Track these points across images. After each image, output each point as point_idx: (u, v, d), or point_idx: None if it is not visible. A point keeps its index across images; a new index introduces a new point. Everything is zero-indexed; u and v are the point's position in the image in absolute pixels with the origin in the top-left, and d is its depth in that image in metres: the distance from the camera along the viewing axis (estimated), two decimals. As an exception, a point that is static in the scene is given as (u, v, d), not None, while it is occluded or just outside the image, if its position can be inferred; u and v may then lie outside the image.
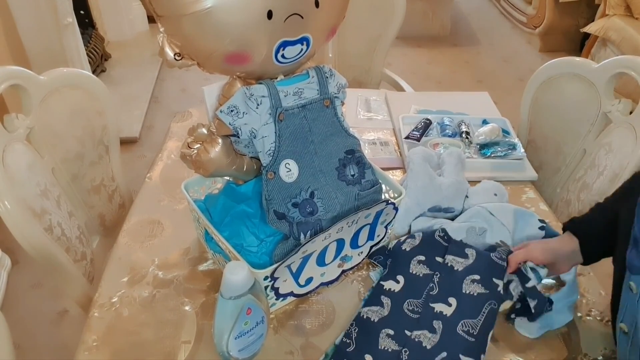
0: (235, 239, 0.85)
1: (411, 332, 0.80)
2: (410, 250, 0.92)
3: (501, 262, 0.87)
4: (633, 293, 0.72)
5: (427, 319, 0.81)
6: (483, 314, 0.80)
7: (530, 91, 1.34)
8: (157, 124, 2.71)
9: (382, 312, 0.84)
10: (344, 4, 0.81)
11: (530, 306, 0.81)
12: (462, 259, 0.88)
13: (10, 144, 0.94)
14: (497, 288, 0.83)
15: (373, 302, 0.85)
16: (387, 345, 0.79)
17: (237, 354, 0.74)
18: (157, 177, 1.17)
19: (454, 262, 0.88)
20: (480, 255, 0.88)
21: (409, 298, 0.85)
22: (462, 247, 0.90)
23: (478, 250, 0.89)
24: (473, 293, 0.83)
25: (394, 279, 0.89)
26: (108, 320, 0.83)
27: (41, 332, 1.64)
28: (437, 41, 3.66)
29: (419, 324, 0.81)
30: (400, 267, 0.90)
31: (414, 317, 0.82)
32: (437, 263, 0.90)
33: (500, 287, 0.84)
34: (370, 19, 1.84)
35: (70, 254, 1.01)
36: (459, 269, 0.87)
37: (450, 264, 0.88)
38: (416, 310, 0.83)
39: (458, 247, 0.91)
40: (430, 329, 0.80)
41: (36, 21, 2.12)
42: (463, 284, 0.85)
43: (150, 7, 0.73)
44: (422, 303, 0.84)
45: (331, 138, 0.86)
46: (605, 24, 2.74)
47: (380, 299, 0.86)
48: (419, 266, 0.90)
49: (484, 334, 0.78)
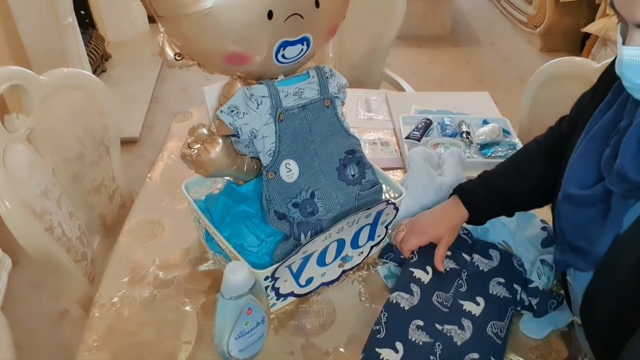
0: (235, 239, 0.85)
1: (442, 325, 0.79)
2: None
3: (520, 268, 0.89)
4: (570, 286, 0.77)
5: (456, 314, 0.81)
6: (508, 317, 0.82)
7: (531, 91, 1.34)
8: (157, 124, 2.71)
9: (412, 300, 0.82)
10: (344, 4, 0.81)
11: (532, 304, 0.82)
12: (487, 260, 0.90)
13: (10, 144, 0.94)
14: (516, 293, 0.85)
15: (402, 288, 0.84)
16: (418, 338, 0.77)
17: (238, 354, 0.74)
18: (158, 177, 1.17)
19: (480, 262, 0.90)
20: (503, 258, 0.91)
21: (438, 290, 0.85)
22: (486, 248, 0.92)
23: (502, 253, 0.92)
24: (499, 295, 0.85)
25: (424, 268, 0.88)
26: (109, 321, 0.83)
27: (42, 332, 1.64)
28: (438, 41, 3.66)
29: (449, 318, 0.81)
30: (429, 259, 0.89)
31: (444, 310, 0.82)
32: (463, 259, 0.90)
33: (519, 293, 0.85)
34: (371, 19, 1.83)
35: (71, 254, 1.01)
36: (484, 270, 0.88)
37: (477, 264, 0.89)
38: (445, 304, 0.83)
39: (482, 246, 0.92)
40: (459, 326, 0.80)
41: (36, 21, 2.12)
42: (490, 285, 0.86)
43: (151, 7, 0.73)
44: (451, 298, 0.84)
45: (331, 138, 0.86)
46: (606, 24, 2.74)
47: (409, 287, 0.84)
48: (445, 260, 0.89)
49: (507, 338, 0.79)
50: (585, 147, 0.71)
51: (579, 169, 0.71)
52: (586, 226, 0.69)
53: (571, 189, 0.71)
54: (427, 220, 0.92)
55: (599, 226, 0.67)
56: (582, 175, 0.70)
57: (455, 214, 0.90)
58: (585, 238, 0.69)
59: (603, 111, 0.71)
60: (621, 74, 0.61)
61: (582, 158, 0.71)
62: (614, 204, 0.66)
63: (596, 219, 0.68)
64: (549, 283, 0.87)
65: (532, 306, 0.83)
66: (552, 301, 0.82)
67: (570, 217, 0.72)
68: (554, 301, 0.83)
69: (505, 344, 0.79)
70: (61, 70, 1.10)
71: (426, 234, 0.89)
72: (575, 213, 0.71)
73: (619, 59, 0.60)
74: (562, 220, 0.73)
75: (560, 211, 0.73)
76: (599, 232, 0.67)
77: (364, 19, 1.82)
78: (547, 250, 0.93)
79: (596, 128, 0.70)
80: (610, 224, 0.66)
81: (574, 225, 0.71)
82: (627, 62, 0.59)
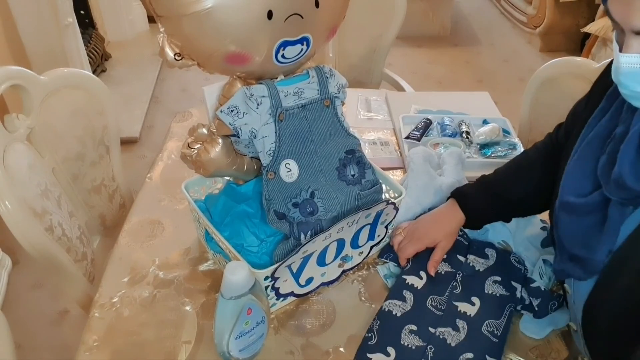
0: (235, 239, 0.85)
1: (435, 328, 0.80)
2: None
3: (519, 265, 0.89)
4: (569, 294, 0.76)
5: (450, 316, 0.81)
6: (505, 315, 0.81)
7: (531, 91, 1.34)
8: (157, 124, 2.71)
9: (404, 307, 0.83)
10: (344, 4, 0.81)
11: (534, 304, 0.81)
12: (483, 260, 0.90)
13: (10, 144, 0.94)
14: (515, 291, 0.85)
15: (395, 296, 0.85)
16: (411, 342, 0.78)
17: (238, 354, 0.74)
18: (158, 177, 1.17)
19: (475, 262, 0.90)
20: (500, 256, 0.90)
21: (432, 294, 0.85)
22: (482, 247, 0.92)
23: (498, 251, 0.91)
24: (495, 294, 0.84)
25: (417, 274, 0.88)
26: (108, 321, 0.83)
27: (42, 332, 1.64)
28: (438, 41, 3.66)
29: (443, 320, 0.81)
30: (423, 264, 0.89)
31: (438, 313, 0.82)
32: (458, 261, 0.90)
33: (518, 291, 0.85)
34: (371, 19, 1.83)
35: (71, 254, 1.01)
36: (480, 270, 0.88)
37: (472, 264, 0.89)
38: (439, 307, 0.83)
39: (478, 246, 0.92)
40: (453, 327, 0.80)
41: (36, 21, 2.12)
42: (485, 284, 0.86)
43: (150, 7, 0.73)
44: (446, 300, 0.84)
45: (331, 138, 0.86)
46: (606, 24, 2.73)
47: (402, 294, 0.85)
48: (441, 263, 0.90)
49: (505, 336, 0.79)
50: (580, 155, 0.70)
51: (575, 177, 0.71)
52: (584, 234, 0.68)
53: (568, 196, 0.70)
54: (424, 227, 0.92)
55: (596, 234, 0.67)
56: (578, 183, 0.70)
57: (453, 218, 0.90)
58: (584, 246, 0.68)
59: (597, 118, 0.71)
60: (618, 81, 0.60)
61: (578, 166, 0.71)
62: (611, 212, 0.65)
63: (594, 227, 0.67)
64: (550, 283, 0.87)
65: (533, 306, 0.82)
66: (554, 302, 0.82)
67: (568, 226, 0.71)
68: (555, 302, 0.83)
69: (503, 342, 0.78)
70: (61, 70, 1.10)
71: (422, 240, 0.90)
72: (573, 221, 0.70)
73: (615, 67, 0.60)
74: (560, 228, 0.73)
75: (558, 219, 0.73)
76: (597, 241, 0.66)
77: (364, 19, 1.82)
78: (547, 250, 0.92)
79: (591, 135, 0.70)
80: (607, 232, 0.65)
81: (572, 234, 0.71)
82: (625, 70, 0.58)
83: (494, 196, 0.89)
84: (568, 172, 0.72)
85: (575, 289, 0.75)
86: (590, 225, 0.68)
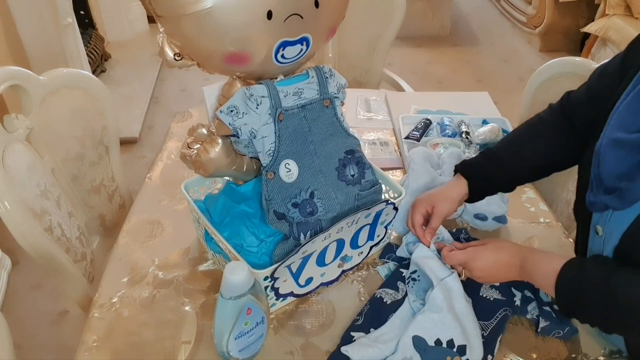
0: (235, 239, 0.85)
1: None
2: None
3: None
4: (599, 236, 0.76)
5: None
6: (496, 318, 0.82)
7: (531, 91, 1.34)
8: (157, 124, 2.71)
9: (396, 295, 0.86)
10: (344, 4, 0.81)
11: (540, 325, 0.81)
12: None
13: (10, 145, 0.94)
14: (513, 298, 0.85)
15: (389, 285, 0.88)
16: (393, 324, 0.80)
17: (237, 354, 0.74)
18: (157, 178, 1.17)
19: None
20: None
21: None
22: None
23: None
24: (489, 298, 0.85)
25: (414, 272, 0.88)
26: (108, 321, 0.83)
27: (41, 333, 1.64)
28: (437, 41, 3.66)
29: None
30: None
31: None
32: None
33: (517, 298, 0.85)
34: (370, 19, 1.84)
35: (70, 255, 1.01)
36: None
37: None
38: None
39: None
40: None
41: (36, 21, 2.12)
42: (482, 287, 0.86)
43: (150, 7, 0.73)
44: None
45: (331, 138, 0.86)
46: (606, 24, 2.74)
47: (396, 284, 0.88)
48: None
49: (494, 337, 0.79)
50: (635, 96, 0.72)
51: (629, 115, 0.72)
52: (630, 168, 0.70)
53: (617, 133, 0.72)
54: (425, 193, 0.95)
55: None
56: (631, 120, 0.71)
57: (454, 185, 0.93)
58: (626, 179, 0.70)
59: None
60: None
61: (631, 106, 0.72)
62: None
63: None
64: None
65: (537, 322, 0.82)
66: (558, 331, 0.81)
67: (613, 162, 0.72)
68: (560, 332, 0.81)
69: (490, 342, 0.78)
70: (60, 70, 1.10)
71: (422, 203, 0.92)
72: (620, 157, 0.71)
73: None
74: (605, 165, 0.73)
75: (603, 156, 0.74)
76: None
77: (364, 19, 1.83)
78: None
79: None
80: None
81: (616, 169, 0.72)
82: None
83: (497, 162, 0.92)
84: (619, 112, 0.74)
85: (610, 224, 0.74)
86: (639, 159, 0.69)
